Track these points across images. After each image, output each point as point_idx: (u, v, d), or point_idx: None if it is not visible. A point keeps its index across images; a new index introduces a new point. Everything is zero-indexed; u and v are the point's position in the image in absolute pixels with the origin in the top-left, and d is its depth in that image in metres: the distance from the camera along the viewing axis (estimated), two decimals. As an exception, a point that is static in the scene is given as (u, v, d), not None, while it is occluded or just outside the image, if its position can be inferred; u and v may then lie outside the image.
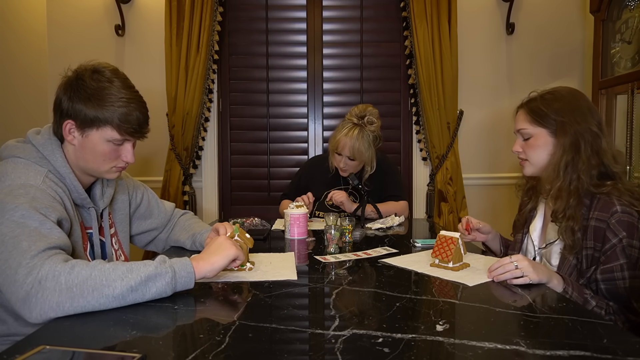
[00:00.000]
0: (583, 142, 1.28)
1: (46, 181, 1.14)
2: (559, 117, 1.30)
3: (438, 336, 0.83)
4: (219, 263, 1.11)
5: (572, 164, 1.28)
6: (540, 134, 1.34)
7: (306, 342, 0.84)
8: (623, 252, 1.19)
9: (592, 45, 2.55)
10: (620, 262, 1.19)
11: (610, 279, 1.20)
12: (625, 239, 1.19)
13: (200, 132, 2.81)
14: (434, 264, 1.32)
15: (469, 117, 2.89)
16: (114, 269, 0.97)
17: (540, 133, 1.34)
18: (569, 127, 1.29)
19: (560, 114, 1.30)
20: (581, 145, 1.28)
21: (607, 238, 1.21)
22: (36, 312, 0.91)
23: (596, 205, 1.25)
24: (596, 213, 1.24)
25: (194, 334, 0.88)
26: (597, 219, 1.24)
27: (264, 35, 2.91)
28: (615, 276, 1.19)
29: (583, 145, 1.27)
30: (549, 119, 1.32)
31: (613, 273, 1.19)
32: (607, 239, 1.21)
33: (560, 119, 1.30)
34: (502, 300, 1.07)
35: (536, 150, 1.36)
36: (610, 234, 1.20)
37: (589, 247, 1.25)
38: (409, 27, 2.76)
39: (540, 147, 1.35)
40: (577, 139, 1.28)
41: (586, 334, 0.85)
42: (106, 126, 1.19)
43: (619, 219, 1.20)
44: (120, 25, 2.80)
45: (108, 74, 1.21)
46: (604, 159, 1.28)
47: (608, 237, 1.21)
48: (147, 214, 1.56)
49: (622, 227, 1.20)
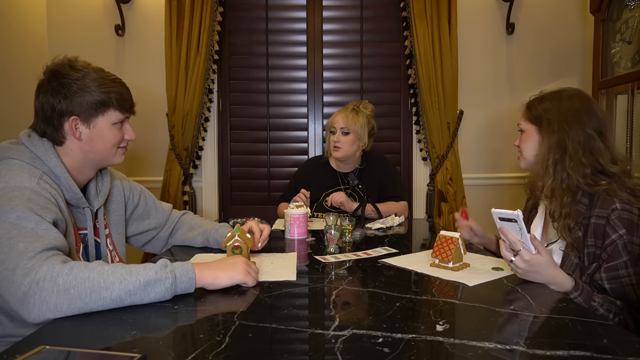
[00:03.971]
0: (570, 143, 1.30)
1: (40, 183, 1.13)
2: (547, 116, 1.36)
3: (438, 336, 0.83)
4: (222, 282, 1.09)
5: (560, 162, 1.31)
6: (530, 130, 1.42)
7: (306, 342, 0.84)
8: (625, 248, 1.20)
9: (592, 45, 2.55)
10: (623, 259, 1.19)
11: (615, 277, 1.20)
12: (625, 235, 1.20)
13: (200, 132, 2.81)
14: (434, 264, 1.32)
15: (469, 117, 2.89)
16: (113, 271, 0.97)
17: (531, 129, 1.42)
18: (555, 126, 1.33)
19: (549, 114, 1.36)
20: (568, 145, 1.30)
21: (607, 234, 1.22)
22: (34, 313, 0.91)
23: (596, 203, 1.26)
24: (596, 211, 1.25)
25: (194, 334, 0.88)
26: (597, 216, 1.25)
27: (264, 35, 2.91)
28: (620, 274, 1.19)
29: (571, 145, 1.30)
30: (539, 117, 1.38)
31: (617, 271, 1.19)
32: (607, 234, 1.22)
33: (547, 117, 1.35)
34: (502, 300, 1.07)
35: (526, 145, 1.44)
36: (610, 230, 1.21)
37: (590, 244, 1.26)
38: (409, 27, 2.76)
39: (529, 143, 1.42)
40: (563, 139, 1.31)
41: (586, 334, 0.85)
42: (109, 109, 1.24)
43: (618, 215, 1.21)
44: (120, 25, 2.80)
45: (81, 64, 1.24)
46: (599, 159, 1.29)
47: (608, 233, 1.22)
48: (145, 214, 1.56)
49: (622, 224, 1.20)
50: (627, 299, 1.20)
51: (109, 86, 1.24)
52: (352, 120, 2.20)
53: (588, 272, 1.25)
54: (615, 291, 1.20)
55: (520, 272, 1.16)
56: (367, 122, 2.24)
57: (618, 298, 1.20)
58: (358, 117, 2.22)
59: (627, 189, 1.25)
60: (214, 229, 1.54)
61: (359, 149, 2.26)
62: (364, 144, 2.25)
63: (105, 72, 1.27)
